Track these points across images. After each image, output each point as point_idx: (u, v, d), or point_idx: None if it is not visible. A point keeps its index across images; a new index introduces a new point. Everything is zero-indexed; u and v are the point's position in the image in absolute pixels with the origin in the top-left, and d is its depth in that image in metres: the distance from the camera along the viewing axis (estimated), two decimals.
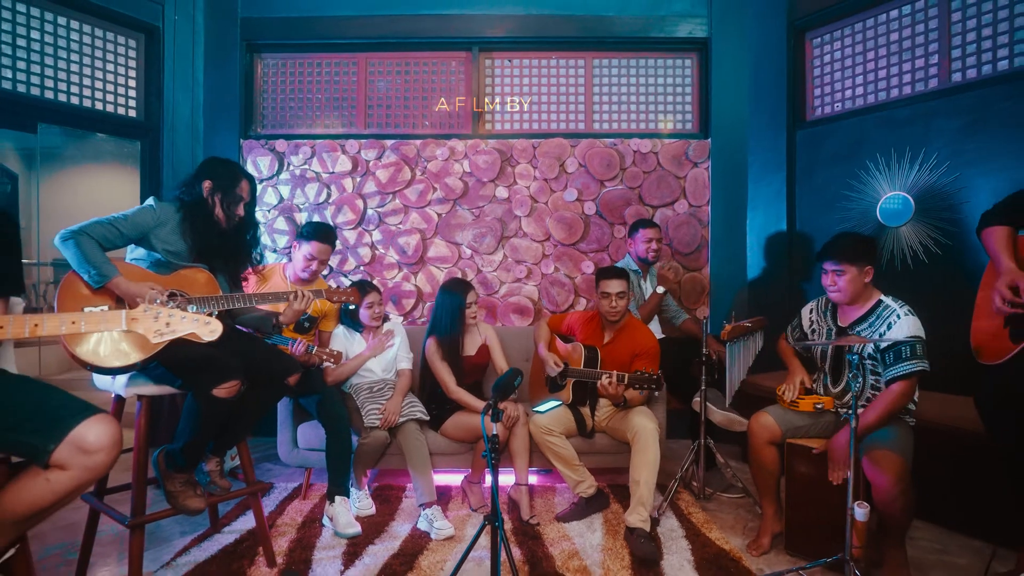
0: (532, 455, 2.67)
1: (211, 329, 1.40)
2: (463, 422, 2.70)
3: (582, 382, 2.70)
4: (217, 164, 2.14)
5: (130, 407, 2.03)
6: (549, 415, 2.62)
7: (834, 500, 2.02)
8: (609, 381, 2.49)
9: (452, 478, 3.02)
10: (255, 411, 2.14)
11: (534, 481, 3.05)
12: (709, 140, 3.85)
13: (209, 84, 3.86)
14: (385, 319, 2.96)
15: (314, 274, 2.68)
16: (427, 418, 2.74)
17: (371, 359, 2.82)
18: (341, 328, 2.86)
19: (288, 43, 3.92)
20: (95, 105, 3.58)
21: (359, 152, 3.83)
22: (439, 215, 3.84)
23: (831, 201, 3.46)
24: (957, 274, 2.91)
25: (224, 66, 3.85)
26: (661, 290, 3.27)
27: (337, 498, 2.46)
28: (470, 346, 2.86)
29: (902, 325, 2.02)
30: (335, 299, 2.46)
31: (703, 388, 2.73)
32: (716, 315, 3.76)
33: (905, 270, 3.13)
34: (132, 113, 3.75)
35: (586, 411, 2.77)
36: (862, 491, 2.00)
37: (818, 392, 2.30)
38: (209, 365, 1.84)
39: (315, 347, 2.48)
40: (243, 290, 2.24)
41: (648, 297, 3.26)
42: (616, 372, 2.50)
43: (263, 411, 2.19)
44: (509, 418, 2.57)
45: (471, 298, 2.78)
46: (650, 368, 2.56)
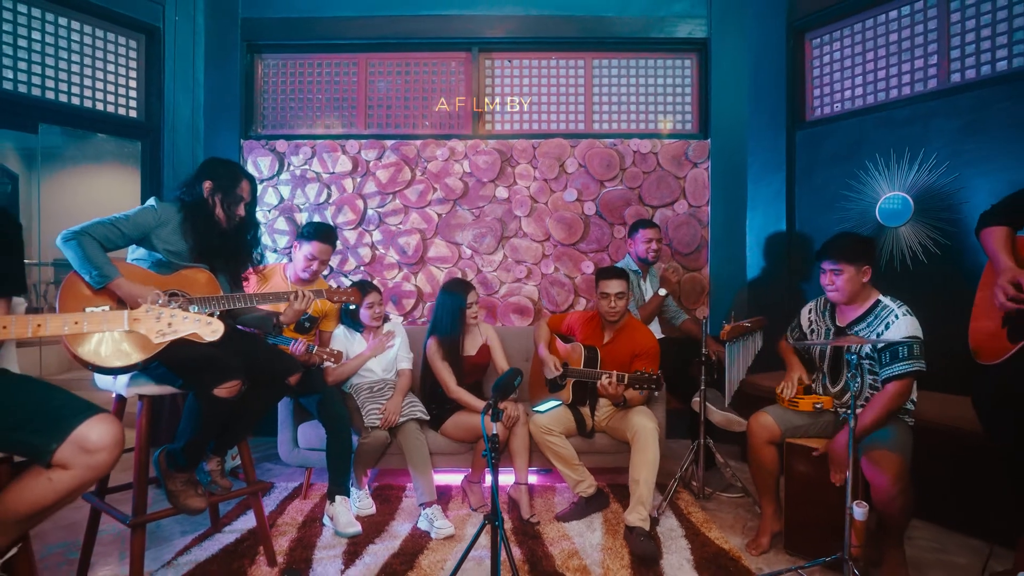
0: (532, 455, 2.68)
1: (213, 329, 1.40)
2: (463, 422, 2.71)
3: (582, 382, 2.70)
4: (218, 164, 2.15)
5: (131, 407, 2.04)
6: (549, 415, 2.63)
7: (833, 500, 2.02)
8: (609, 381, 2.49)
9: (452, 478, 3.02)
10: (256, 411, 2.14)
11: (534, 481, 3.05)
12: (709, 140, 3.85)
13: (210, 84, 3.87)
14: (385, 319, 2.96)
15: (315, 274, 2.69)
16: (427, 418, 2.75)
17: (371, 359, 2.83)
18: (342, 328, 2.86)
19: (288, 43, 3.92)
20: (96, 105, 3.59)
21: (359, 152, 3.84)
22: (439, 215, 3.84)
23: (830, 201, 3.47)
24: (956, 274, 2.92)
25: (225, 66, 3.86)
26: (663, 292, 3.28)
27: (337, 497, 2.47)
28: (471, 346, 2.87)
29: (900, 325, 2.03)
30: (336, 299, 2.46)
31: (702, 388, 2.74)
32: (716, 315, 3.77)
33: (904, 270, 3.14)
34: (133, 113, 3.75)
35: (586, 411, 2.78)
36: (861, 491, 2.00)
37: (817, 392, 2.31)
38: (210, 365, 1.85)
39: (315, 347, 2.48)
40: (244, 290, 2.24)
41: (649, 298, 3.26)
42: (616, 372, 2.51)
43: (264, 411, 2.20)
44: (509, 418, 2.58)
45: (472, 298, 2.79)
46: (650, 368, 2.56)
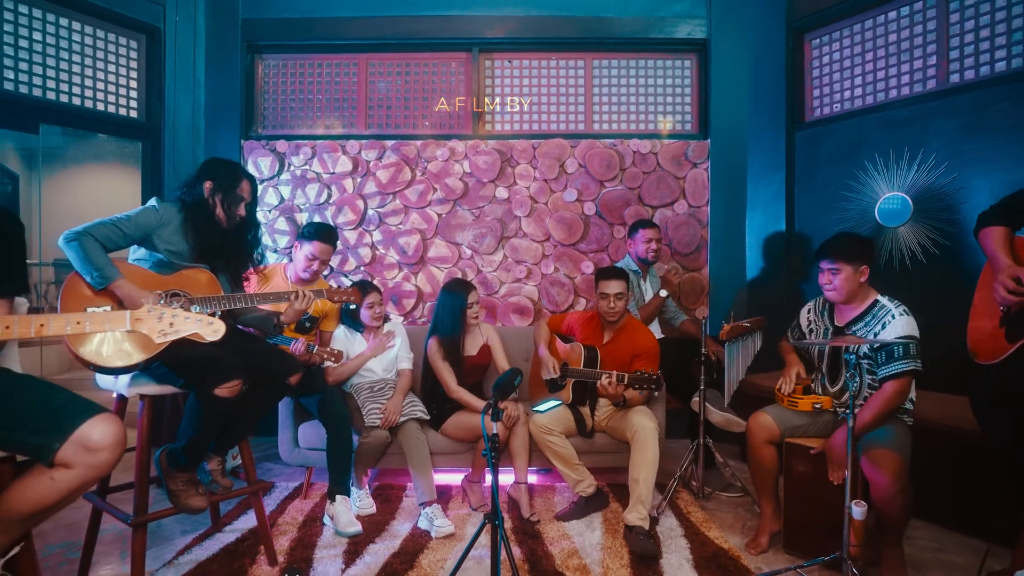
0: (532, 454, 2.68)
1: (214, 329, 1.41)
2: (463, 421, 2.71)
3: (582, 382, 2.71)
4: (218, 165, 2.15)
5: (132, 407, 2.04)
6: (549, 415, 2.64)
7: (832, 499, 2.03)
8: (609, 381, 2.50)
9: (452, 477, 3.03)
10: (257, 410, 2.15)
11: (534, 480, 3.06)
12: (708, 141, 3.86)
13: (210, 85, 3.87)
14: (386, 319, 2.97)
15: (315, 274, 2.69)
16: (427, 417, 2.75)
17: (372, 359, 2.83)
18: (342, 328, 2.87)
19: (289, 44, 3.93)
20: (96, 106, 3.59)
21: (359, 153, 3.84)
22: (439, 215, 3.85)
23: (830, 201, 3.47)
24: (955, 274, 2.92)
25: (225, 67, 3.86)
26: (664, 293, 3.28)
27: (338, 497, 2.47)
28: (471, 346, 2.88)
29: (896, 325, 2.04)
30: (336, 299, 2.47)
31: (702, 388, 2.74)
32: (715, 315, 3.77)
33: (904, 270, 3.14)
34: (133, 114, 3.75)
35: (586, 411, 2.78)
36: (860, 490, 2.01)
37: (816, 392, 2.32)
38: (211, 365, 1.85)
39: (316, 346, 2.49)
40: (244, 290, 2.25)
41: (649, 299, 3.27)
42: (616, 372, 2.51)
43: (264, 411, 2.20)
44: (509, 417, 2.58)
45: (472, 298, 2.79)
46: (650, 368, 2.57)
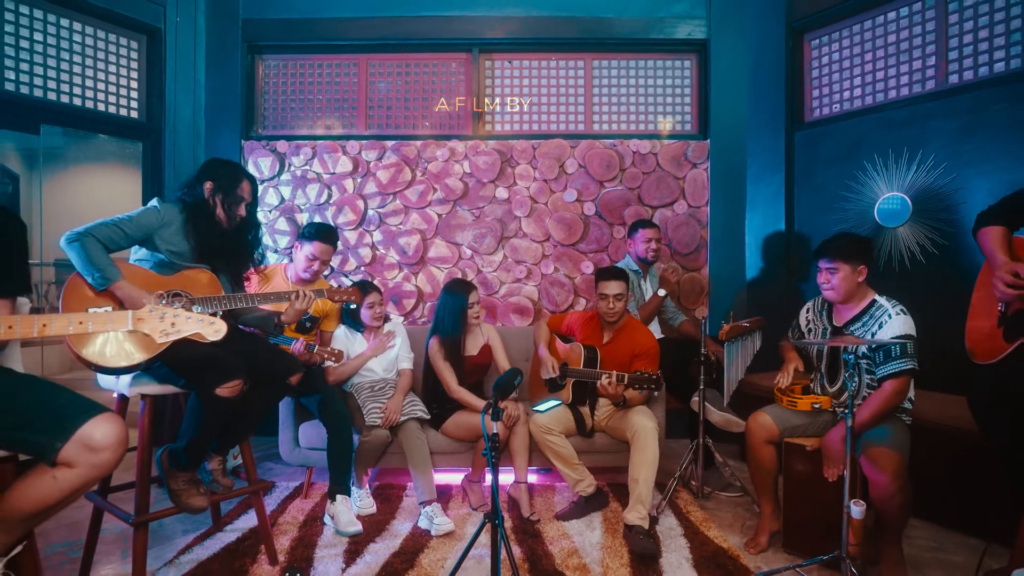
0: (532, 454, 2.69)
1: (216, 329, 1.42)
2: (464, 421, 2.72)
3: (582, 382, 2.71)
4: (218, 165, 2.16)
5: (133, 406, 2.05)
6: (549, 414, 2.64)
7: (831, 498, 2.04)
8: (609, 381, 2.50)
9: (452, 477, 3.03)
10: (257, 410, 2.15)
11: (534, 480, 3.06)
12: (708, 141, 3.86)
13: (210, 85, 3.88)
14: (386, 319, 2.98)
15: (316, 274, 2.70)
16: (428, 417, 2.76)
17: (372, 359, 2.84)
18: (342, 328, 2.88)
19: (289, 44, 3.94)
20: (97, 106, 3.59)
21: (360, 153, 3.85)
22: (439, 216, 3.85)
23: (829, 202, 3.48)
24: (954, 274, 2.93)
25: (225, 67, 3.87)
26: (662, 293, 3.29)
27: (338, 497, 2.48)
28: (472, 346, 2.88)
29: (893, 324, 2.05)
30: (336, 298, 2.47)
31: (701, 388, 2.75)
32: (715, 315, 3.77)
33: (903, 270, 3.15)
34: (134, 114, 3.76)
35: (586, 410, 2.79)
36: (858, 489, 2.02)
37: (815, 391, 2.33)
38: (212, 365, 1.86)
39: (316, 346, 2.49)
40: (245, 290, 2.26)
41: (648, 298, 3.28)
42: (616, 372, 2.52)
43: (265, 410, 2.21)
44: (509, 417, 2.59)
45: (473, 298, 2.80)
46: (650, 368, 2.58)
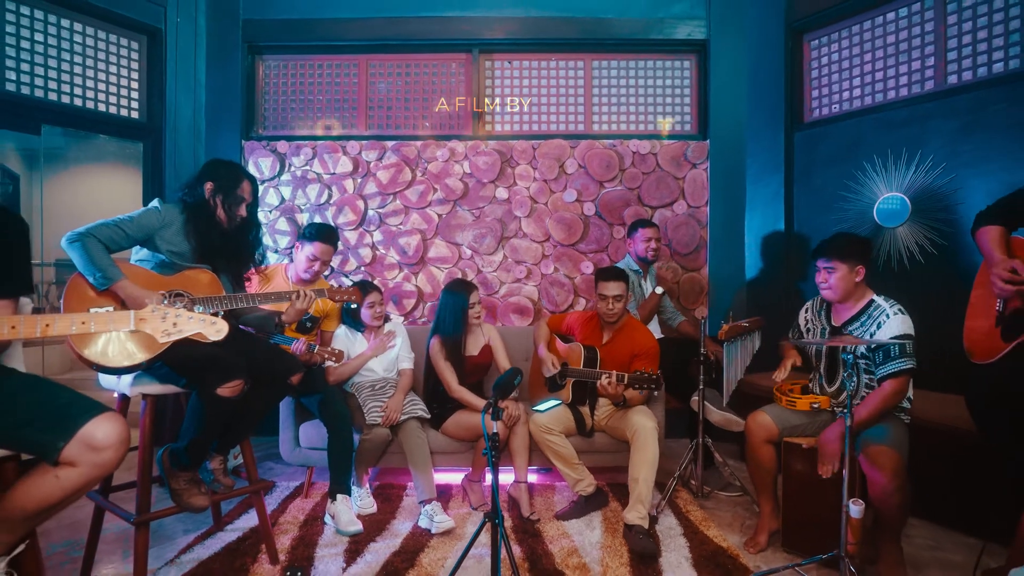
0: (532, 454, 2.69)
1: (217, 329, 1.42)
2: (464, 421, 2.72)
3: (582, 382, 2.72)
4: (219, 165, 2.16)
5: (135, 406, 2.05)
6: (549, 414, 2.65)
7: (830, 498, 2.04)
8: (609, 381, 2.51)
9: (453, 477, 3.04)
10: (258, 410, 2.16)
11: (534, 479, 3.07)
12: (708, 141, 3.87)
13: (211, 85, 3.88)
14: (386, 319, 2.98)
15: (316, 274, 2.71)
16: (428, 416, 2.76)
17: (373, 359, 2.84)
18: (343, 328, 2.88)
19: (289, 45, 3.94)
20: (98, 107, 3.60)
21: (360, 153, 3.86)
22: (439, 216, 3.86)
23: (829, 202, 3.48)
24: (953, 274, 2.93)
25: (226, 68, 3.87)
26: (660, 291, 3.30)
27: (339, 496, 2.48)
28: (473, 346, 2.89)
29: (891, 324, 2.05)
30: (337, 298, 2.48)
31: (701, 388, 2.75)
32: (715, 315, 3.77)
33: (902, 270, 3.15)
34: (135, 114, 3.77)
35: (585, 410, 2.79)
36: (857, 488, 2.02)
37: (814, 391, 2.33)
38: (213, 365, 1.87)
39: (317, 346, 2.50)
40: (246, 290, 2.26)
41: (647, 297, 3.28)
42: (616, 372, 2.52)
43: (266, 410, 2.21)
44: (510, 417, 2.59)
45: (474, 298, 2.80)
46: (649, 368, 2.58)
